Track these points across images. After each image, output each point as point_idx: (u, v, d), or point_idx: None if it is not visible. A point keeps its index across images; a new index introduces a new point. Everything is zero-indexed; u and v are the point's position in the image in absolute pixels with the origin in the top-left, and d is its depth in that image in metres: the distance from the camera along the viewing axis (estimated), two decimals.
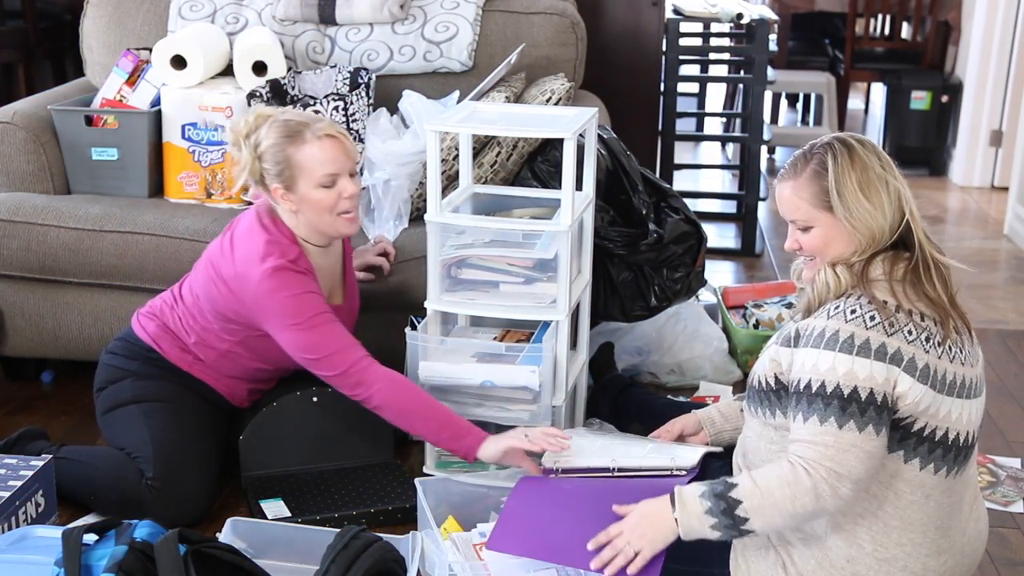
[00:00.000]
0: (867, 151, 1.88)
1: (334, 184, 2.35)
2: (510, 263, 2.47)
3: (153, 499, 2.33)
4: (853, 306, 1.82)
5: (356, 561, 1.84)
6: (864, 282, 1.84)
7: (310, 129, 2.34)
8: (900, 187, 1.88)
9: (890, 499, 1.84)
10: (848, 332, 1.78)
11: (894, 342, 1.78)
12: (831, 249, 1.90)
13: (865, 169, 1.86)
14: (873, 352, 1.77)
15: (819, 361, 1.79)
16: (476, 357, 2.48)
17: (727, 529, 1.82)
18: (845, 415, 1.77)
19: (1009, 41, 5.24)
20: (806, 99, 6.47)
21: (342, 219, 2.38)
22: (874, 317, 1.80)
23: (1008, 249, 4.54)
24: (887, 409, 1.78)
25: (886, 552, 1.85)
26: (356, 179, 2.40)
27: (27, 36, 4.72)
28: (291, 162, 2.33)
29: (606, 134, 2.96)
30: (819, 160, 1.89)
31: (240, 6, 3.29)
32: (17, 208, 2.90)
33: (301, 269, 2.36)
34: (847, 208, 1.86)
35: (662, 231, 2.87)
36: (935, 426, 1.81)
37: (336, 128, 2.38)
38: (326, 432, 2.57)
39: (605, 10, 4.03)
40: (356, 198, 2.39)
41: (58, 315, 2.94)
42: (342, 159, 2.35)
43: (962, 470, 1.88)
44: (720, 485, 1.84)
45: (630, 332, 3.18)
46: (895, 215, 1.86)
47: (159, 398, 2.46)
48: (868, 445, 1.77)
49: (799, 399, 1.82)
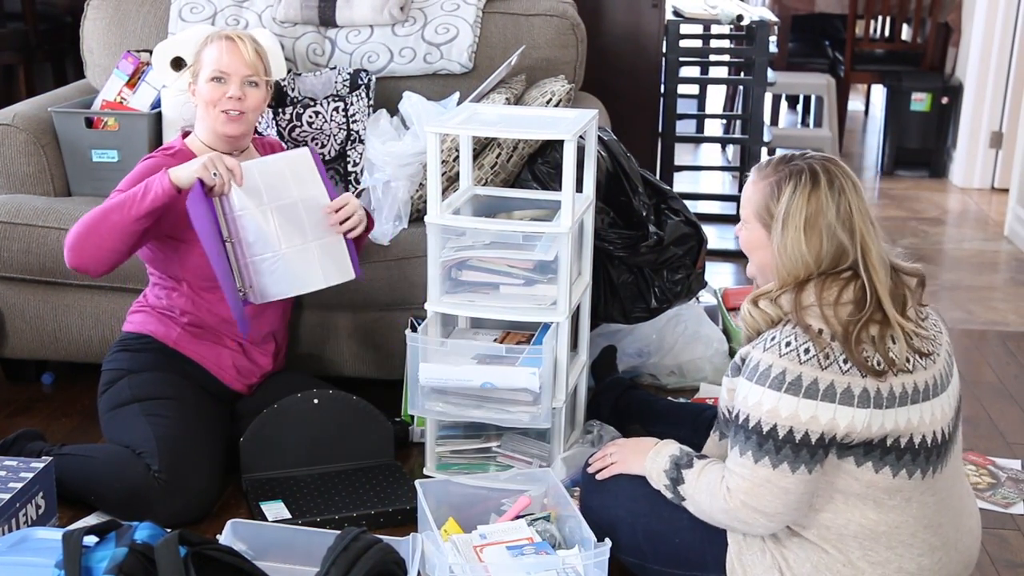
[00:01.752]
0: (832, 193, 1.82)
1: (223, 82, 2.50)
2: (510, 265, 2.47)
3: (161, 491, 2.33)
4: (788, 337, 1.80)
5: (356, 563, 1.84)
6: (797, 309, 1.81)
7: (218, 34, 2.56)
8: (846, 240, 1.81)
9: (871, 507, 1.84)
10: (780, 368, 1.78)
11: (828, 376, 1.76)
12: (755, 257, 1.92)
13: (818, 212, 1.82)
14: (803, 390, 1.76)
15: (749, 394, 1.82)
16: (476, 359, 2.48)
17: (672, 495, 1.98)
18: (761, 451, 1.79)
19: (1009, 43, 5.24)
20: (806, 101, 6.48)
21: (222, 116, 2.51)
22: (808, 350, 1.78)
23: (1008, 251, 4.54)
24: (807, 447, 1.77)
25: (877, 556, 1.85)
26: (256, 91, 2.53)
27: (27, 38, 4.72)
28: (199, 59, 2.56)
29: (606, 136, 2.96)
30: (784, 177, 1.86)
31: (240, 8, 3.29)
32: (17, 210, 2.90)
33: (176, 159, 2.50)
34: (783, 239, 1.84)
35: (662, 233, 2.87)
36: (896, 436, 1.80)
37: (239, 34, 2.56)
38: (326, 434, 2.57)
39: (605, 12, 4.03)
40: (242, 101, 2.51)
41: (58, 317, 2.94)
42: (231, 61, 2.51)
43: (940, 468, 1.87)
44: (685, 458, 1.98)
45: (630, 334, 3.18)
46: (830, 260, 1.82)
47: (158, 395, 2.48)
48: (783, 482, 1.79)
49: (734, 427, 1.86)
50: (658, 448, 2.04)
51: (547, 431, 2.54)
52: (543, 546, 2.10)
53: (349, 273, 2.54)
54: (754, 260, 1.96)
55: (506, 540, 2.12)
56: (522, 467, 2.55)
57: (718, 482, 1.88)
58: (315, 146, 2.99)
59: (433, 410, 2.52)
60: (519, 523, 2.19)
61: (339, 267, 2.52)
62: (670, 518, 2.02)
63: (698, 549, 2.00)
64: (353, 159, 3.00)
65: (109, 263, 2.42)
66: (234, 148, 2.58)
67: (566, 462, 2.50)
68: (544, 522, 2.21)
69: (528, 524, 2.18)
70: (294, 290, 2.51)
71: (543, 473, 2.35)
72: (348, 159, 3.00)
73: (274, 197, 2.45)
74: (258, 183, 2.45)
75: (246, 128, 2.56)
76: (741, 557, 1.94)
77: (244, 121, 2.54)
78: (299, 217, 2.47)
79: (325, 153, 2.99)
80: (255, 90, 2.53)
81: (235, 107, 2.50)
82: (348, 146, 3.00)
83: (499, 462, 2.60)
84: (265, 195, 2.45)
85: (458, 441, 2.63)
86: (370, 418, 2.60)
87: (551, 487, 2.31)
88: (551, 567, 2.02)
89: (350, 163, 3.00)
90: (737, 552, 1.94)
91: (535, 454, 2.59)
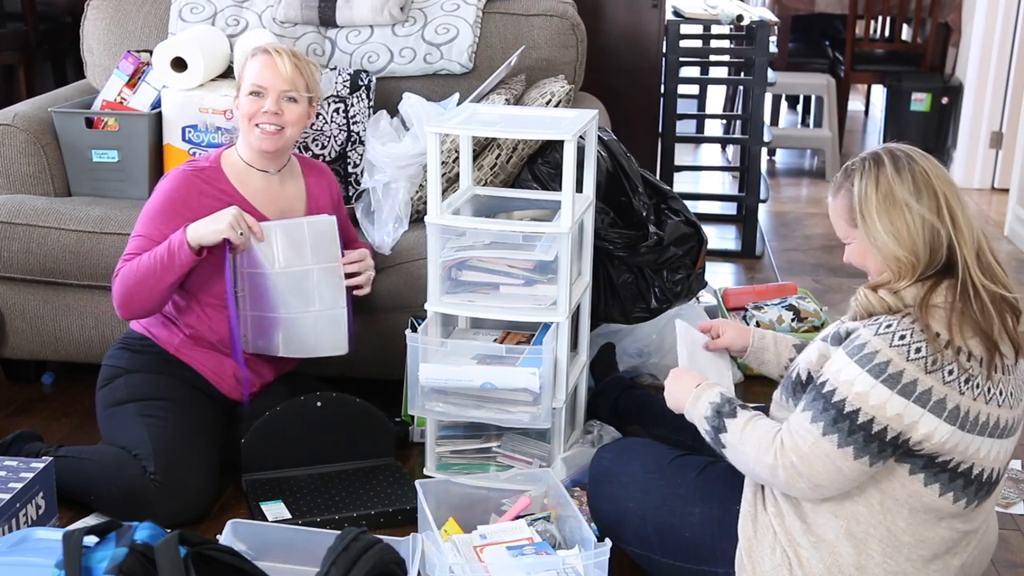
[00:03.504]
0: (898, 170, 1.81)
1: (261, 96, 2.50)
2: (510, 265, 2.47)
3: (157, 493, 2.33)
4: (904, 331, 1.77)
5: (356, 563, 1.84)
6: (924, 307, 1.78)
7: (260, 48, 2.57)
8: (926, 213, 1.79)
9: (904, 516, 1.84)
10: (886, 357, 1.76)
11: (928, 380, 1.75)
12: (868, 265, 1.89)
13: (889, 192, 1.81)
14: (900, 386, 1.74)
15: (844, 370, 1.79)
16: (476, 359, 2.48)
17: (711, 439, 1.97)
18: (834, 427, 1.78)
19: (1009, 43, 5.24)
20: (806, 101, 6.48)
21: (257, 131, 2.51)
22: (920, 349, 1.75)
23: (1008, 251, 4.54)
24: (880, 441, 1.76)
25: (895, 566, 1.85)
26: (295, 106, 2.53)
27: (28, 38, 4.72)
28: (240, 73, 2.57)
29: (606, 136, 2.96)
30: (849, 173, 1.87)
31: (240, 8, 3.29)
32: (18, 210, 2.90)
33: (203, 176, 2.53)
34: (867, 228, 1.83)
35: (662, 233, 2.87)
36: (960, 460, 1.80)
37: (276, 48, 2.55)
38: (328, 435, 2.57)
39: (605, 12, 4.03)
40: (280, 116, 2.51)
41: (58, 317, 2.94)
42: (270, 75, 2.51)
43: (983, 502, 1.87)
44: (727, 406, 1.96)
45: (630, 334, 3.18)
46: (926, 240, 1.79)
47: (153, 395, 2.48)
48: (840, 462, 1.78)
49: (812, 389, 1.84)
50: (698, 392, 2.02)
51: (547, 431, 2.55)
52: (543, 546, 2.10)
53: (342, 348, 2.61)
54: (869, 269, 1.90)
55: (506, 540, 2.12)
56: (522, 467, 2.55)
57: (769, 437, 1.85)
58: (313, 145, 2.99)
59: (433, 410, 2.52)
60: (519, 523, 2.19)
61: (333, 340, 2.60)
62: (681, 512, 2.03)
63: (708, 543, 2.00)
64: (353, 160, 3.00)
65: (163, 305, 2.51)
66: (272, 165, 2.58)
67: (566, 462, 2.50)
68: (544, 522, 2.21)
69: (528, 524, 2.18)
70: (283, 351, 2.59)
71: (543, 473, 2.35)
72: (348, 160, 3.00)
73: (288, 263, 2.50)
74: (275, 245, 2.49)
75: (283, 144, 2.55)
76: (751, 553, 1.93)
77: (282, 137, 2.53)
78: (308, 285, 2.53)
79: (325, 154, 2.99)
80: (293, 105, 2.52)
81: (272, 121, 2.50)
82: (348, 147, 3.00)
83: (499, 462, 2.60)
84: (280, 258, 2.50)
85: (458, 441, 2.64)
86: (372, 420, 2.60)
87: (551, 487, 2.31)
88: (551, 567, 2.02)
89: (350, 164, 3.00)
90: (747, 548, 1.94)
91: (535, 454, 2.59)
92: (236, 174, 2.56)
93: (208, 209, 2.45)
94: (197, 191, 2.50)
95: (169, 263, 2.40)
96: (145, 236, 2.47)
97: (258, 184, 2.58)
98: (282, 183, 2.61)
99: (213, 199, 2.50)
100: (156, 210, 2.49)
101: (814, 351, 1.93)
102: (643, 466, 2.14)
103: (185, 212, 2.46)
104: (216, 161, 2.57)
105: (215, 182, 2.53)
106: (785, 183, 5.63)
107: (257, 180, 2.58)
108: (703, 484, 2.05)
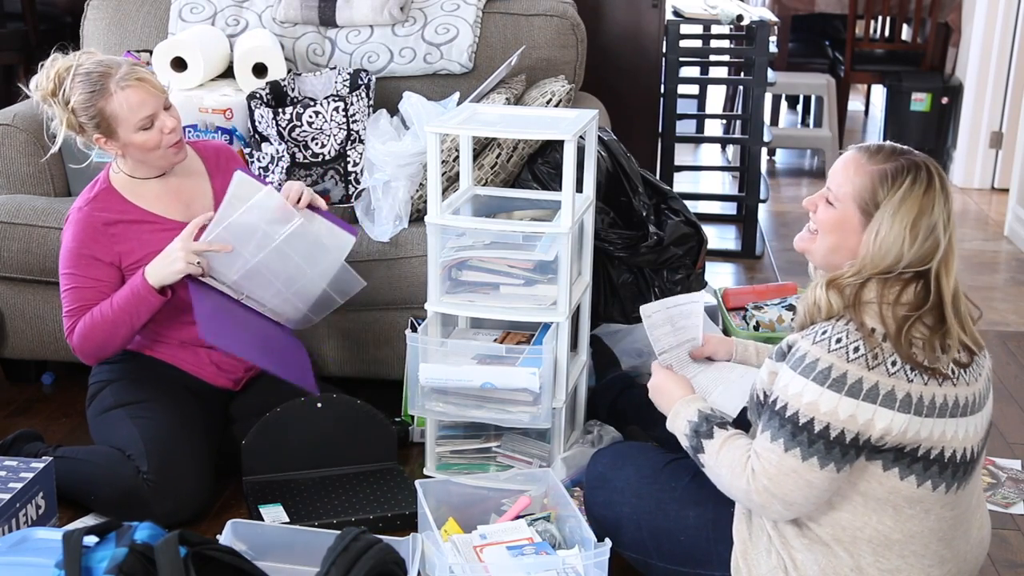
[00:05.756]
0: (943, 194, 1.81)
1: (152, 124, 2.41)
2: (510, 265, 2.47)
3: (151, 493, 2.33)
4: (839, 334, 1.78)
5: (356, 563, 1.84)
6: (856, 305, 1.79)
7: (113, 80, 2.39)
8: (942, 241, 1.80)
9: (889, 513, 1.83)
10: (827, 363, 1.76)
11: (873, 376, 1.75)
12: (832, 237, 1.87)
13: (925, 210, 1.80)
14: (846, 388, 1.75)
15: (791, 384, 1.80)
16: (476, 359, 2.48)
17: (691, 452, 1.96)
18: (794, 441, 1.78)
19: (1009, 43, 5.24)
20: (806, 101, 6.48)
21: (170, 151, 2.46)
22: (858, 348, 1.76)
23: (1008, 251, 4.54)
24: (841, 445, 1.76)
25: (888, 564, 1.84)
26: (172, 110, 2.46)
27: (28, 38, 4.72)
28: (104, 114, 2.39)
29: (606, 136, 2.96)
30: (902, 167, 1.82)
31: (240, 8, 3.29)
32: (17, 210, 2.90)
33: (101, 206, 2.46)
34: (885, 228, 1.80)
35: (662, 233, 2.87)
36: (929, 447, 1.79)
37: (137, 72, 2.42)
38: (329, 437, 2.56)
39: (605, 12, 4.03)
40: (178, 129, 2.46)
41: (58, 317, 2.92)
42: (152, 100, 2.40)
43: (964, 484, 1.86)
44: (704, 425, 1.95)
45: (630, 334, 3.18)
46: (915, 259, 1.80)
47: (140, 398, 2.49)
48: (808, 475, 1.78)
49: (767, 408, 1.85)
50: (677, 409, 2.01)
51: (547, 431, 2.55)
52: (543, 546, 2.10)
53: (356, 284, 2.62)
54: (829, 240, 1.90)
55: (506, 540, 2.12)
56: (522, 467, 2.55)
57: (742, 461, 1.85)
58: (313, 144, 2.99)
59: (433, 410, 2.52)
60: (519, 523, 2.19)
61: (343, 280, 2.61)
62: (676, 516, 2.03)
63: (703, 547, 2.00)
64: (353, 159, 3.00)
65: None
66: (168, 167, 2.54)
67: (566, 462, 2.50)
68: (544, 522, 2.21)
69: (528, 524, 2.18)
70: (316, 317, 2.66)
71: (543, 473, 2.35)
72: (348, 159, 3.00)
73: (259, 244, 2.46)
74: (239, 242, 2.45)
75: (183, 144, 2.53)
76: (746, 556, 1.93)
77: (183, 141, 2.51)
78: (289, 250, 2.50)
79: (325, 153, 2.99)
80: (172, 110, 2.48)
81: (177, 135, 2.47)
82: (348, 146, 3.00)
83: (499, 462, 2.60)
84: (250, 247, 2.46)
85: (458, 441, 2.63)
86: (373, 422, 2.59)
87: (551, 487, 2.31)
88: (551, 567, 2.02)
89: (350, 163, 3.00)
90: (742, 551, 1.94)
91: (535, 454, 2.59)
92: (131, 191, 2.51)
93: (124, 232, 2.45)
94: (102, 222, 2.45)
95: (137, 309, 2.39)
96: (77, 287, 2.44)
97: (156, 190, 2.53)
98: (175, 175, 2.56)
99: (121, 224, 2.47)
100: (74, 258, 2.45)
101: (765, 370, 1.93)
102: (637, 471, 2.14)
103: (99, 250, 2.44)
104: (106, 182, 2.51)
105: (114, 204, 2.49)
106: (785, 183, 5.64)
107: (153, 187, 2.53)
108: (697, 488, 2.04)
